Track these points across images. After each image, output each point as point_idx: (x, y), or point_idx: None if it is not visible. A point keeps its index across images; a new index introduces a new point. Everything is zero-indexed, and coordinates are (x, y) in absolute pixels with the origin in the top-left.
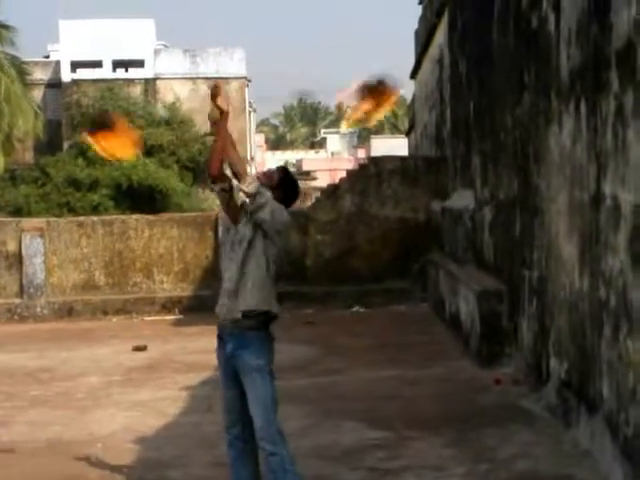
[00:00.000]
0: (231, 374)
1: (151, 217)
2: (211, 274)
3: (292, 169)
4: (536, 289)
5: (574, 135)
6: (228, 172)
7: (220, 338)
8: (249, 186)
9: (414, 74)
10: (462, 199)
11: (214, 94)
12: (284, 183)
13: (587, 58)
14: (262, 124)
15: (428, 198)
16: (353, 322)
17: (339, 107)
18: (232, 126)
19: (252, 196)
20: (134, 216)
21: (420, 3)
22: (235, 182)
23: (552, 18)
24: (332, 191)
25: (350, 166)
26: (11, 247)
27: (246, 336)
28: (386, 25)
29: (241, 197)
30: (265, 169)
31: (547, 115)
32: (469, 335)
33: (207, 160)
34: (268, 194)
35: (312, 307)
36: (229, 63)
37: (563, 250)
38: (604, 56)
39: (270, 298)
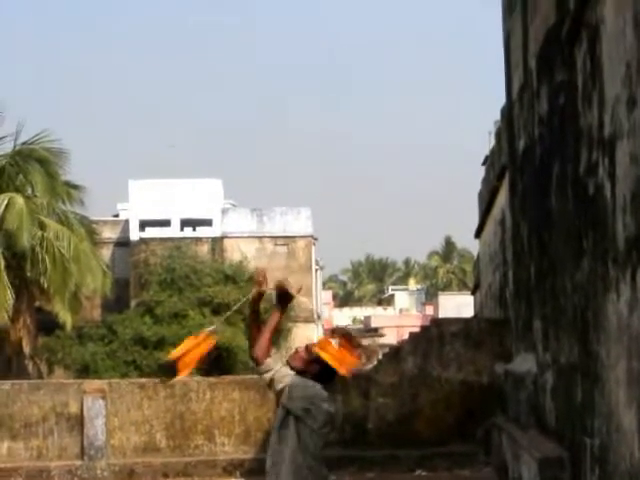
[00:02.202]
0: None
1: (212, 380)
2: None
3: (360, 326)
4: (598, 457)
5: (631, 304)
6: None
7: None
8: (264, 374)
9: (478, 234)
10: (525, 362)
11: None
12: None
13: None
14: (330, 280)
15: (492, 360)
16: None
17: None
18: (299, 283)
19: (268, 385)
20: (195, 378)
21: (483, 164)
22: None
23: (608, 185)
24: (394, 353)
25: (418, 323)
26: (73, 409)
27: None
28: (451, 183)
29: (264, 379)
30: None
31: (605, 282)
32: None
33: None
34: (287, 378)
35: (374, 471)
36: (295, 222)
37: (623, 420)
38: None
39: None
